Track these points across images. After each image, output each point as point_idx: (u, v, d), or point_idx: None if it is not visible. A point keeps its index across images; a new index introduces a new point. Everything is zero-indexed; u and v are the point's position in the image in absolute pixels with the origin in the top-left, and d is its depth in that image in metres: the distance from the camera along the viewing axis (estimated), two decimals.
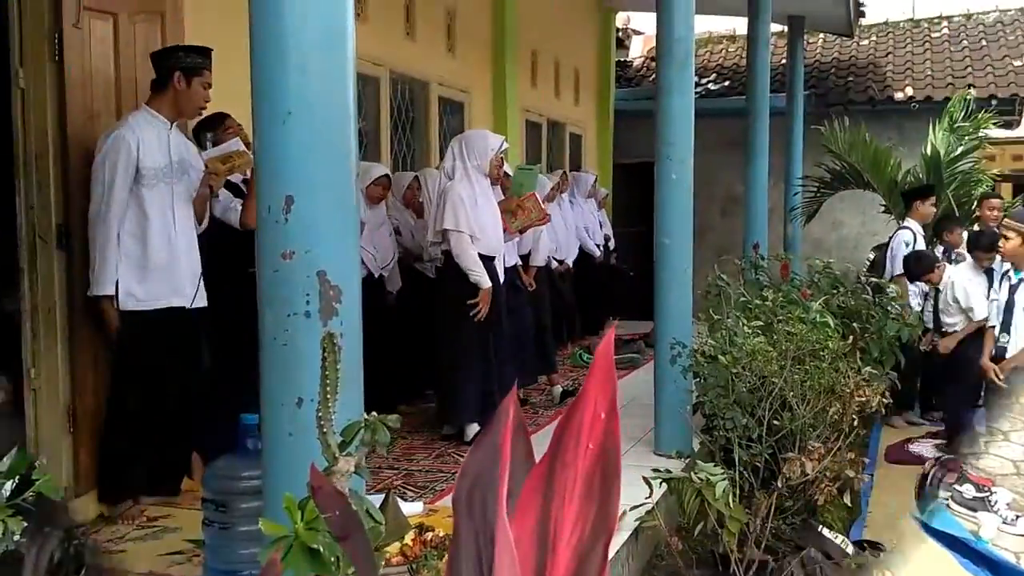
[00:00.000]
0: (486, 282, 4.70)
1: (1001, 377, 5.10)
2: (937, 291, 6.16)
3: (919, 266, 6.27)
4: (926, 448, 6.29)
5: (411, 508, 3.67)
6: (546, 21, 9.09)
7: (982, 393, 5.61)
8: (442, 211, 4.79)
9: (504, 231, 5.07)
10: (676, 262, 4.58)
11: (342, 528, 0.99)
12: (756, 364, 3.95)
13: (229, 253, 3.92)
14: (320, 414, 1.37)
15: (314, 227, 1.76)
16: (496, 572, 0.73)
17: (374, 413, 1.49)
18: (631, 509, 3.72)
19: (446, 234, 4.77)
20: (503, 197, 5.35)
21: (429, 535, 3.23)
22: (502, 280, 5.03)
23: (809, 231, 9.58)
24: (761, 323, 4.37)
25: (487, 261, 4.82)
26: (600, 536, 0.75)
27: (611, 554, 3.28)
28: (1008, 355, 5.14)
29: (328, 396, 1.37)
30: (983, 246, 6.37)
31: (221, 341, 3.89)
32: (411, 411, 5.53)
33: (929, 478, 4.56)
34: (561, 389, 6.02)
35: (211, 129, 4.08)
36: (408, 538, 3.10)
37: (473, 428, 4.85)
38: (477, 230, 4.74)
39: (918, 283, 6.39)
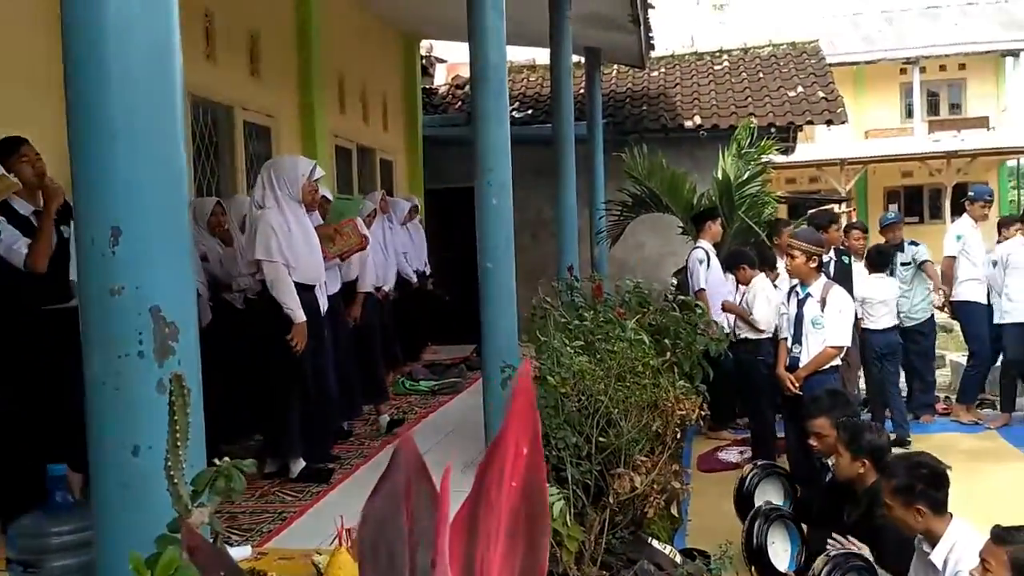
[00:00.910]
0: (300, 316, 4.52)
1: (796, 386, 5.49)
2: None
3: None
4: (733, 455, 6.69)
5: (239, 553, 3.45)
6: (351, 47, 8.99)
7: (778, 402, 6.04)
8: (253, 241, 4.60)
9: (324, 258, 4.92)
10: (501, 286, 4.62)
11: None
12: (583, 383, 4.04)
13: (16, 293, 3.55)
14: (169, 463, 1.24)
15: (145, 258, 1.61)
16: None
17: (227, 458, 1.37)
18: None
19: (260, 264, 4.58)
20: (322, 222, 5.21)
21: None
22: (324, 308, 4.88)
23: (613, 252, 9.97)
24: (582, 343, 4.48)
25: (306, 290, 4.66)
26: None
27: None
28: (800, 365, 5.56)
29: (178, 442, 1.25)
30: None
31: (15, 388, 3.52)
32: (230, 449, 5.23)
33: (746, 482, 4.82)
34: (388, 419, 5.91)
35: (3, 156, 3.68)
36: None
37: (299, 464, 4.66)
38: (292, 259, 4.57)
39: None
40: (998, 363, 7.86)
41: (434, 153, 11.08)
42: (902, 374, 7.74)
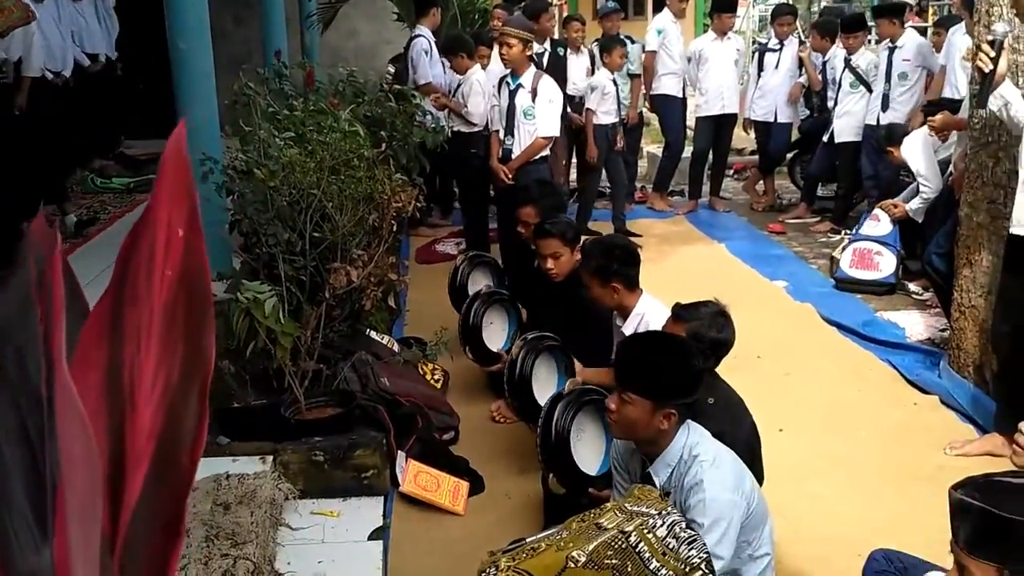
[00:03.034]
0: None
1: (510, 176, 5.60)
2: None
3: None
4: (450, 246, 6.83)
5: None
6: None
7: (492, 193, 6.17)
8: None
9: None
10: (196, 69, 4.16)
11: None
12: (294, 177, 3.81)
13: None
14: None
15: None
16: (60, 442, 0.54)
17: None
18: None
19: None
20: None
21: None
22: None
23: (326, 40, 9.41)
24: (292, 134, 4.20)
25: None
26: (194, 379, 0.59)
27: None
28: (513, 156, 5.65)
29: None
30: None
31: None
32: None
33: (459, 272, 4.92)
34: (75, 219, 5.32)
35: None
36: None
37: None
38: None
39: None
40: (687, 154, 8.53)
41: None
42: None
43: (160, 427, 0.59)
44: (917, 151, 5.74)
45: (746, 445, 2.85)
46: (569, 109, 7.23)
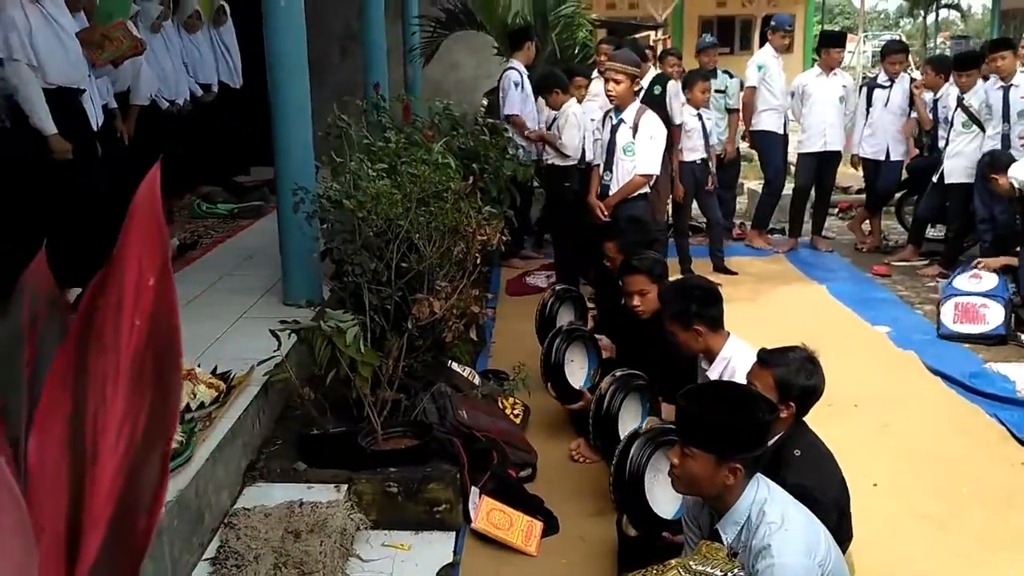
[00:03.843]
0: (50, 127, 4.01)
1: (606, 213, 5.54)
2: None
3: None
4: (540, 279, 6.80)
5: None
6: None
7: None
8: None
9: (91, 64, 4.36)
10: (292, 100, 4.27)
11: None
12: (382, 207, 3.85)
13: None
14: None
15: None
16: None
17: None
18: (259, 364, 3.55)
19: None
20: (88, 25, 4.59)
21: None
22: (96, 121, 4.37)
23: (428, 73, 9.58)
24: (385, 165, 4.26)
25: (67, 96, 4.11)
26: (158, 438, 0.56)
27: (239, 412, 3.08)
28: (611, 193, 5.58)
29: None
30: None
31: None
32: None
33: (547, 305, 4.88)
34: (177, 242, 5.53)
35: None
36: None
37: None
38: (38, 57, 4.00)
39: None
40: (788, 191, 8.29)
41: None
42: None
43: (120, 488, 0.56)
44: None
45: (834, 501, 2.70)
46: None
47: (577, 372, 4.36)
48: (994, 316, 5.52)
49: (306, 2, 4.32)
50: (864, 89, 7.97)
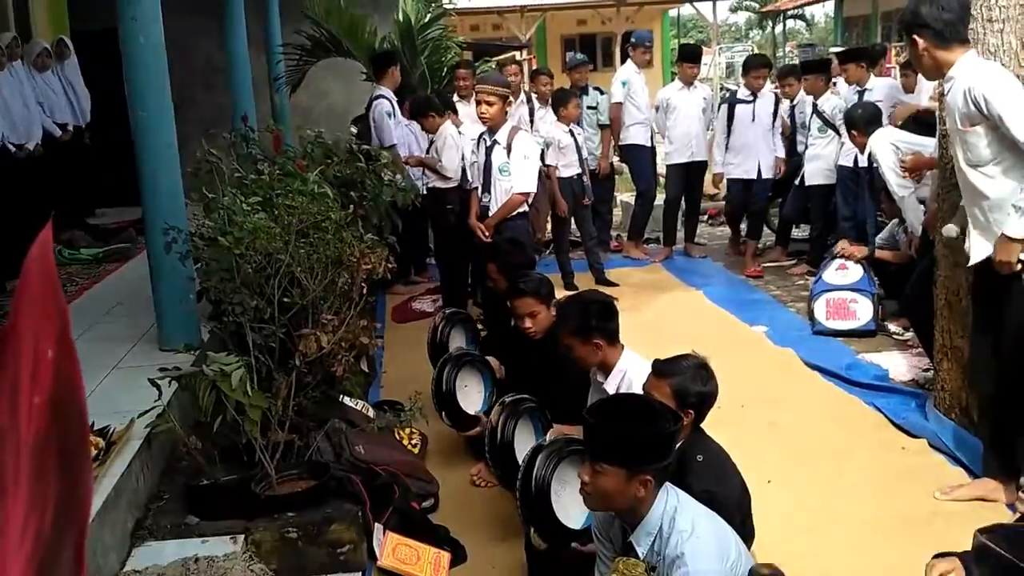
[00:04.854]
0: None
1: (487, 234, 5.54)
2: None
3: None
4: (427, 304, 6.74)
5: None
6: None
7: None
8: None
9: None
10: (157, 137, 4.09)
11: None
12: (260, 242, 3.72)
13: None
14: None
15: None
16: None
17: None
18: (140, 416, 3.37)
19: None
20: None
21: None
22: None
23: (297, 101, 9.39)
24: (260, 199, 4.13)
25: None
26: (70, 528, 0.50)
27: (121, 468, 2.89)
28: (491, 213, 5.59)
29: None
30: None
31: None
32: None
33: (438, 330, 4.82)
34: None
35: None
36: None
37: None
38: None
39: None
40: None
41: None
42: None
43: None
44: (886, 152, 5.64)
45: (737, 503, 2.75)
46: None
47: (474, 396, 4.32)
48: (863, 311, 5.80)
49: (166, 37, 4.15)
50: (725, 106, 7.89)
